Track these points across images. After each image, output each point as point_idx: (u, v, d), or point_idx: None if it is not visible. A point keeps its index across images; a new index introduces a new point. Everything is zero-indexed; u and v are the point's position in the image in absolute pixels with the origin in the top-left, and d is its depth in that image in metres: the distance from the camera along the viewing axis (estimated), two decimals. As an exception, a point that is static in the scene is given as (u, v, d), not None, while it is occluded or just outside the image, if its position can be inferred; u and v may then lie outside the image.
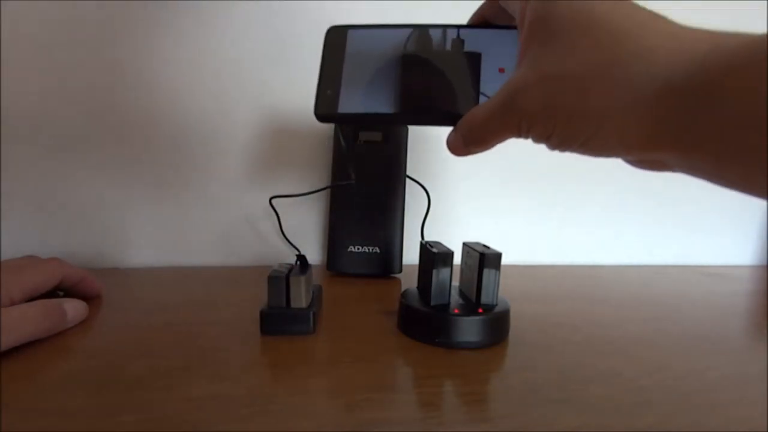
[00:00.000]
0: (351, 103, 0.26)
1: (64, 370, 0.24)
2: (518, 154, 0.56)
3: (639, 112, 0.17)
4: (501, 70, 0.25)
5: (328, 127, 0.51)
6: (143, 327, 0.31)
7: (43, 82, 0.44)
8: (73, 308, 0.31)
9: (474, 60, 0.26)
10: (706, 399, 0.24)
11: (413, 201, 0.51)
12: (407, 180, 0.49)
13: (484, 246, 0.33)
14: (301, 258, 0.34)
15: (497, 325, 0.30)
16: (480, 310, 0.30)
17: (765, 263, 0.66)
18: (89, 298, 0.36)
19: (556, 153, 0.22)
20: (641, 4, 0.19)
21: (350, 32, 0.28)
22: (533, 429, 0.21)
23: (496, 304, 0.31)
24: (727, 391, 0.25)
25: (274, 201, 0.47)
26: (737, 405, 0.24)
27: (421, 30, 0.27)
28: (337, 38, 0.28)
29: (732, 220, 0.65)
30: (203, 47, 0.47)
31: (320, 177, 0.52)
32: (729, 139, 0.15)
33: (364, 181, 0.46)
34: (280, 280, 0.30)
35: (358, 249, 0.47)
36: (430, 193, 0.49)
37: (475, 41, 0.26)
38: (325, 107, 0.26)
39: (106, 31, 0.45)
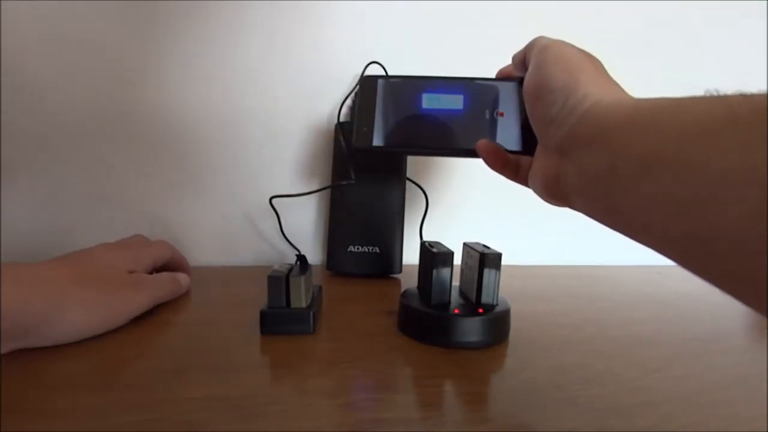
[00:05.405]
0: (382, 139, 0.33)
1: (64, 371, 0.24)
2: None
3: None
4: (500, 114, 0.32)
5: (329, 128, 0.51)
6: (143, 326, 0.31)
7: (43, 80, 0.44)
8: (184, 278, 0.38)
9: (478, 106, 0.32)
10: (707, 399, 0.24)
11: (413, 201, 0.50)
12: (407, 179, 0.48)
13: (484, 246, 0.33)
14: (301, 258, 0.34)
15: (497, 325, 0.30)
16: (480, 310, 0.30)
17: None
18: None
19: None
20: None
21: (380, 81, 0.34)
22: (533, 429, 0.21)
23: (497, 304, 0.31)
24: (728, 391, 0.25)
25: (274, 201, 0.47)
26: (737, 405, 0.24)
27: (438, 80, 0.34)
28: (369, 85, 0.34)
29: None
30: (205, 51, 0.47)
31: (320, 177, 0.52)
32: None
33: (364, 181, 0.46)
34: (280, 280, 0.30)
35: (358, 249, 0.47)
36: (432, 193, 0.49)
37: (480, 91, 0.33)
38: (361, 141, 0.33)
39: (108, 31, 0.45)
